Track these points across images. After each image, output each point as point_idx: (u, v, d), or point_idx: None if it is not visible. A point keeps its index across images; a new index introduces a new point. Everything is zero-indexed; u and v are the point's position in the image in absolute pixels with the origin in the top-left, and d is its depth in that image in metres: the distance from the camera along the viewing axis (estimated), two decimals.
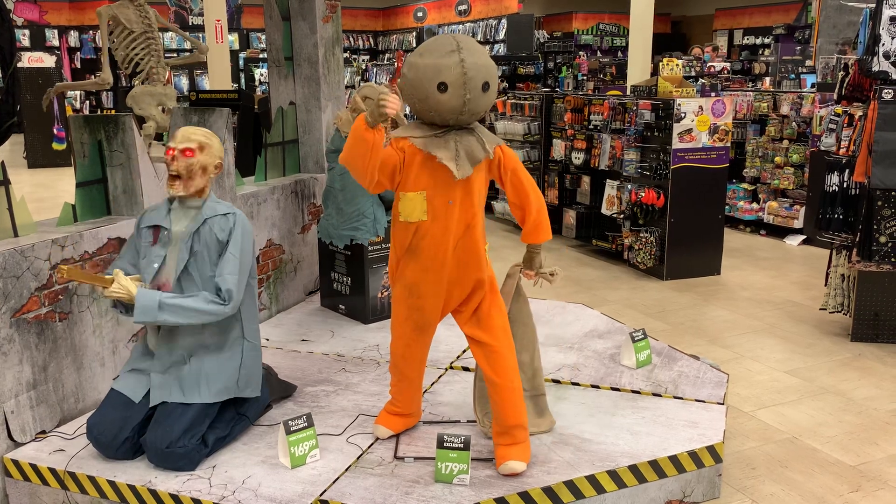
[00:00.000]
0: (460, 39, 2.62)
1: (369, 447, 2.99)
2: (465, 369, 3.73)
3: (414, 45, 19.98)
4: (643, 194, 6.19)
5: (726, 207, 6.85)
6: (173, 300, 2.79)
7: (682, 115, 5.95)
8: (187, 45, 18.16)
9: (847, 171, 4.83)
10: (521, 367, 3.06)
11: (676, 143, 5.98)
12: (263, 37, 18.06)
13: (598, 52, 17.89)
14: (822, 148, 5.32)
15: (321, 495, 2.65)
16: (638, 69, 9.98)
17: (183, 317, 2.80)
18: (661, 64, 6.42)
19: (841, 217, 4.87)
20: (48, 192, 10.69)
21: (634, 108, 6.40)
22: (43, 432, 3.06)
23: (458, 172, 2.68)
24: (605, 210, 6.90)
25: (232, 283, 2.86)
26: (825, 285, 5.14)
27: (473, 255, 2.81)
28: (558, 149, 7.58)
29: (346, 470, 2.82)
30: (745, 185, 8.26)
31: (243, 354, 3.01)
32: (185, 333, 2.93)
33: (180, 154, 2.87)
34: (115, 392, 2.93)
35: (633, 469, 2.85)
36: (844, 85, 5.07)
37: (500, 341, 2.84)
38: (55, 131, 12.77)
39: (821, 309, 5.15)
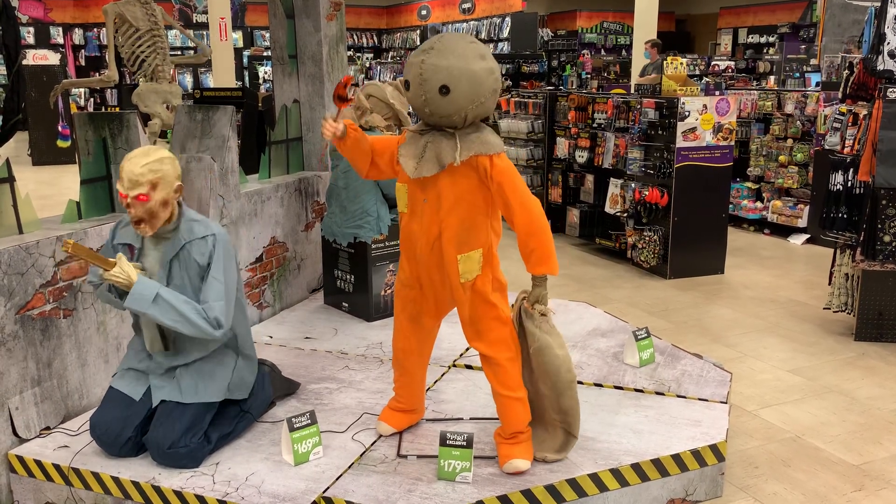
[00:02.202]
0: (446, 39, 2.56)
1: (372, 444, 2.99)
2: (468, 367, 3.74)
3: (417, 43, 19.98)
4: (647, 193, 6.19)
5: (730, 206, 6.84)
6: (171, 298, 2.71)
7: (686, 113, 5.95)
8: (191, 44, 18.18)
9: (851, 170, 4.82)
10: (543, 398, 2.88)
11: (680, 142, 5.97)
12: (267, 34, 18.11)
13: (602, 51, 17.86)
14: (827, 147, 5.30)
15: (324, 492, 2.66)
16: (642, 67, 9.98)
17: (171, 318, 2.71)
18: (665, 62, 6.41)
19: (845, 216, 4.86)
20: (52, 189, 10.72)
21: (638, 106, 6.40)
22: (47, 428, 3.08)
23: (412, 172, 2.67)
24: (608, 208, 6.89)
25: (219, 310, 2.78)
26: (829, 284, 5.14)
27: (448, 261, 2.75)
28: (562, 147, 7.58)
29: (349, 467, 2.83)
30: (748, 184, 8.24)
31: (237, 364, 3.01)
32: (183, 346, 2.91)
33: (134, 200, 2.68)
34: (115, 390, 2.93)
35: (636, 467, 2.85)
36: (849, 84, 5.05)
37: (499, 353, 2.81)
38: (59, 128, 12.82)
39: (824, 308, 5.14)
